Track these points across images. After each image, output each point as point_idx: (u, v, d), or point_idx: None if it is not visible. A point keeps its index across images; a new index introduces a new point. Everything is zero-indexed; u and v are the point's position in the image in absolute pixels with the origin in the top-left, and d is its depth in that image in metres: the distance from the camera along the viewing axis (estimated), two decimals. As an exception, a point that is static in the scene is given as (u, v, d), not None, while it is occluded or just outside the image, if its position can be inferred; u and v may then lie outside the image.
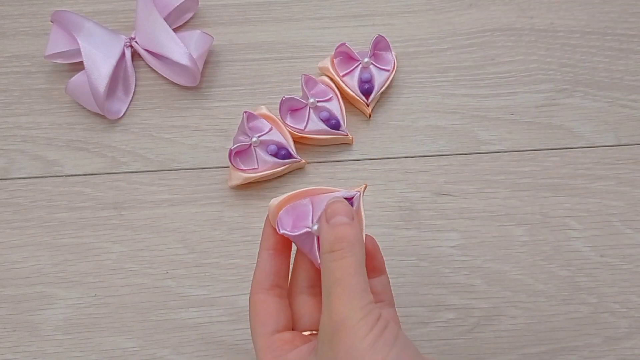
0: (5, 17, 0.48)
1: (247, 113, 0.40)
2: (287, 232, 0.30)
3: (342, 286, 0.26)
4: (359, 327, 0.25)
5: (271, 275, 0.31)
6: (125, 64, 0.45)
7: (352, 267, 0.27)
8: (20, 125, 0.44)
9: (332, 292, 0.26)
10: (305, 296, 0.31)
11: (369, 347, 0.25)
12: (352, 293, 0.26)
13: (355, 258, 0.27)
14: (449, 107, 0.44)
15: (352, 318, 0.25)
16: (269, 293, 0.30)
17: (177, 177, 0.42)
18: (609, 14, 0.47)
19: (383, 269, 0.32)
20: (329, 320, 0.26)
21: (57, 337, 0.38)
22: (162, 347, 0.38)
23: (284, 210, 0.31)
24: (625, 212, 0.41)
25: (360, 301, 0.26)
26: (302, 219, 0.31)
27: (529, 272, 0.39)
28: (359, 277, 0.27)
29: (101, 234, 0.41)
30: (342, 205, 0.29)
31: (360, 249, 0.28)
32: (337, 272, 0.27)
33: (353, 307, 0.26)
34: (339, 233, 0.28)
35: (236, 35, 0.47)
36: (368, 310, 0.26)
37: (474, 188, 0.41)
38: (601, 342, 0.38)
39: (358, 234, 0.28)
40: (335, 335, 0.25)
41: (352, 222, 0.29)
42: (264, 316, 0.30)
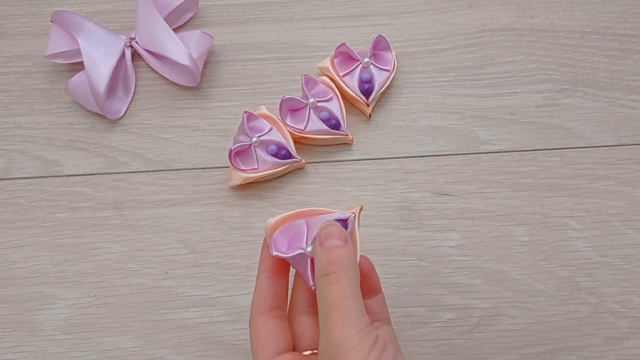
0: (5, 17, 0.48)
1: (247, 113, 0.40)
2: (280, 253, 0.30)
3: (338, 310, 0.26)
4: (356, 352, 0.25)
5: (270, 298, 0.31)
6: (125, 64, 0.45)
7: (346, 290, 0.27)
8: (20, 125, 0.44)
9: (328, 316, 0.27)
10: (305, 316, 0.31)
11: None
12: (348, 317, 0.26)
13: (350, 281, 0.27)
14: (449, 107, 0.44)
15: (349, 342, 0.25)
16: (268, 315, 0.31)
17: (177, 177, 0.42)
18: (609, 14, 0.47)
19: (379, 289, 0.33)
20: (327, 344, 0.26)
21: (57, 337, 0.38)
22: (162, 347, 0.38)
23: (279, 230, 0.31)
24: (625, 212, 0.41)
25: (356, 325, 0.26)
26: (297, 240, 0.31)
27: (529, 272, 0.39)
28: (354, 300, 0.27)
29: (101, 234, 0.41)
30: (336, 228, 0.29)
31: (355, 271, 0.28)
32: (332, 295, 0.27)
33: (349, 331, 0.26)
34: (333, 256, 0.28)
35: (236, 35, 0.47)
36: (365, 334, 0.26)
37: (474, 188, 0.41)
38: (601, 342, 0.38)
39: (352, 256, 0.29)
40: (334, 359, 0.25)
41: (345, 244, 0.29)
42: (265, 338, 0.30)
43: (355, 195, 0.41)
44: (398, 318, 0.38)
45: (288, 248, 0.31)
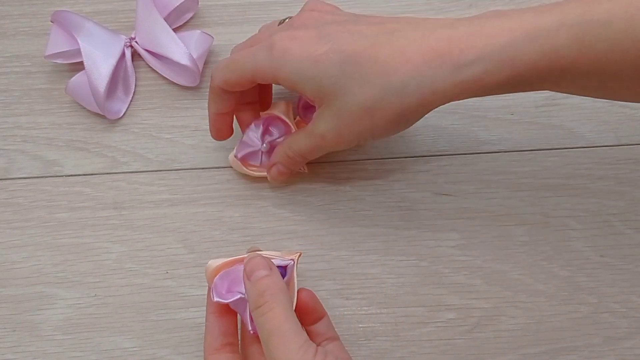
0: (5, 17, 0.48)
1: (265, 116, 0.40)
2: (221, 299, 0.32)
3: (276, 335, 0.28)
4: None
5: (220, 336, 0.33)
6: (125, 64, 0.45)
7: (280, 315, 0.29)
8: (20, 125, 0.44)
9: (269, 343, 0.28)
10: (258, 345, 0.32)
11: None
12: (286, 338, 0.28)
13: (281, 307, 0.29)
14: (449, 107, 0.44)
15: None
16: (220, 352, 0.32)
17: (177, 177, 0.42)
18: (609, 14, 0.47)
19: (323, 313, 0.34)
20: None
21: (57, 337, 0.38)
22: (162, 347, 0.38)
23: (219, 276, 0.32)
24: (625, 212, 0.41)
25: (295, 343, 0.28)
26: (236, 284, 0.32)
27: (529, 272, 0.39)
28: (290, 322, 0.29)
29: (101, 234, 0.41)
30: (259, 259, 0.31)
31: (284, 296, 0.30)
32: (268, 323, 0.29)
33: (290, 351, 0.28)
34: (261, 287, 0.30)
35: (236, 35, 0.47)
36: (304, 349, 0.28)
37: (474, 188, 0.41)
38: (601, 342, 0.38)
39: (279, 282, 0.30)
40: None
41: (270, 272, 0.31)
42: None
43: (355, 195, 0.41)
44: (398, 318, 0.38)
45: (227, 292, 0.32)
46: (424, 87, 0.30)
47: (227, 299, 0.32)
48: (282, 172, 0.39)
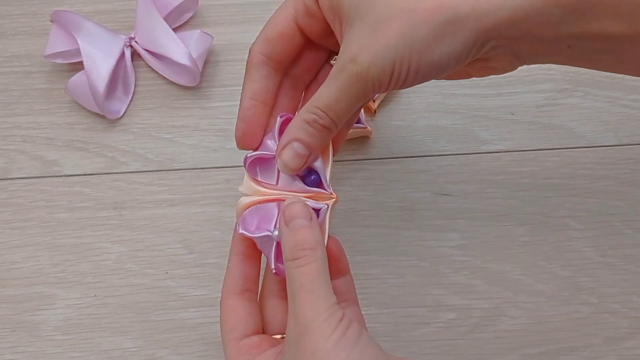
0: (5, 17, 0.48)
1: (283, 117, 0.31)
2: (247, 232, 0.30)
3: (306, 290, 0.27)
4: (323, 328, 0.26)
5: (241, 280, 0.31)
6: (125, 63, 0.45)
7: (315, 272, 0.27)
8: (19, 125, 0.44)
9: (296, 296, 0.27)
10: (276, 299, 0.31)
11: (333, 346, 0.25)
12: (316, 296, 0.27)
13: (318, 263, 0.27)
14: (450, 107, 0.44)
15: (316, 320, 0.26)
16: (238, 297, 0.31)
17: (177, 177, 0.42)
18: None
19: (347, 270, 0.33)
20: (295, 324, 0.26)
21: (57, 338, 0.38)
22: (162, 348, 0.38)
23: (249, 210, 0.30)
24: (625, 212, 0.40)
25: (324, 303, 0.26)
26: (266, 221, 0.30)
27: (530, 272, 0.39)
28: (322, 280, 0.27)
29: (101, 234, 0.41)
30: (300, 206, 0.29)
31: (322, 252, 0.28)
32: (301, 277, 0.27)
33: (317, 309, 0.26)
34: (300, 238, 0.28)
35: (236, 35, 0.47)
36: (332, 312, 0.26)
37: (474, 188, 0.41)
38: (602, 343, 0.37)
39: (318, 236, 0.28)
40: (301, 338, 0.26)
41: (311, 223, 0.28)
42: (233, 321, 0.30)
43: (355, 195, 0.41)
44: (398, 318, 0.38)
45: (256, 228, 0.30)
46: None
47: (254, 234, 0.30)
48: (301, 154, 0.29)
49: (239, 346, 0.30)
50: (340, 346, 0.25)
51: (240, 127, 0.31)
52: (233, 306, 0.31)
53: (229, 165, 0.42)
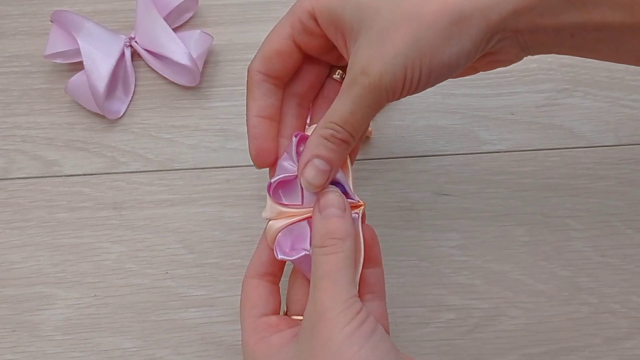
0: (5, 17, 0.48)
1: (299, 136, 0.31)
2: (285, 256, 0.30)
3: (329, 279, 0.27)
4: (339, 319, 0.26)
5: (267, 263, 0.31)
6: (125, 63, 0.45)
7: (340, 262, 0.27)
8: (19, 125, 0.44)
9: (318, 283, 0.27)
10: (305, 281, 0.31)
11: (346, 338, 0.25)
12: (338, 286, 0.27)
13: (345, 254, 0.28)
14: (450, 107, 0.44)
15: (333, 310, 0.26)
16: (262, 278, 0.31)
17: (177, 177, 0.42)
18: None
19: (379, 261, 0.32)
20: (313, 310, 0.27)
21: (57, 338, 0.38)
22: (162, 348, 0.38)
23: (282, 233, 0.31)
24: (625, 212, 0.40)
25: (344, 294, 0.26)
26: (301, 240, 0.30)
27: (530, 272, 0.39)
28: (347, 271, 0.27)
29: (101, 234, 0.41)
30: (335, 196, 0.29)
31: (350, 245, 0.28)
32: (326, 265, 0.27)
33: (337, 299, 0.26)
34: (331, 227, 0.28)
35: (236, 35, 0.47)
36: (350, 304, 0.26)
37: (475, 188, 0.41)
38: (601, 343, 0.37)
39: (349, 228, 0.29)
40: (316, 325, 0.26)
41: (344, 214, 0.29)
42: (254, 299, 0.31)
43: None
44: (398, 318, 0.38)
45: (291, 249, 0.30)
46: None
47: (292, 257, 0.30)
48: (323, 170, 0.29)
49: (257, 323, 0.30)
50: (353, 339, 0.25)
51: (253, 145, 0.31)
52: (256, 285, 0.31)
53: (229, 165, 0.42)
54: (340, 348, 0.25)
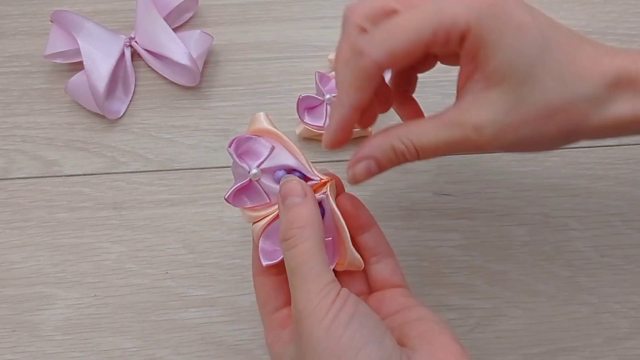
0: (5, 17, 0.48)
1: (236, 140, 0.30)
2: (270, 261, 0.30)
3: (298, 276, 0.27)
4: (315, 315, 0.25)
5: None
6: (125, 63, 0.45)
7: (304, 253, 0.27)
8: (19, 125, 0.44)
9: (292, 282, 0.27)
10: None
11: (324, 333, 0.25)
12: (307, 280, 0.26)
13: (309, 242, 0.27)
14: (450, 107, 0.44)
15: (307, 307, 0.26)
16: (266, 274, 0.31)
17: (177, 177, 0.42)
18: (610, 13, 0.47)
19: (371, 223, 0.32)
20: (294, 310, 0.26)
21: (57, 338, 0.38)
22: (162, 348, 0.38)
23: (262, 236, 0.30)
24: (626, 212, 0.40)
25: (315, 286, 0.26)
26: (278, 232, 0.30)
27: (530, 272, 0.39)
28: (314, 261, 0.27)
29: (101, 234, 0.41)
30: (294, 184, 0.29)
31: (314, 230, 0.27)
32: (292, 261, 0.27)
33: (309, 294, 0.26)
34: (291, 217, 0.28)
35: (236, 35, 0.47)
36: (324, 294, 0.26)
37: (475, 188, 0.41)
38: (602, 343, 0.37)
39: (311, 213, 0.28)
40: (299, 325, 0.26)
41: (305, 199, 0.28)
42: (263, 297, 0.31)
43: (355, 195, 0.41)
44: (398, 318, 0.38)
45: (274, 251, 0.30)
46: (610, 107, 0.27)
47: (276, 259, 0.30)
48: (371, 172, 0.29)
49: (271, 319, 0.30)
50: (331, 332, 0.25)
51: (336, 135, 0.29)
52: (262, 283, 0.31)
53: (229, 165, 0.42)
54: (321, 344, 0.25)
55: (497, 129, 0.27)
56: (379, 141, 0.29)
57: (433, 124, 0.28)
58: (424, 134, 0.28)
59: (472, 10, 0.26)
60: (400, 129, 0.28)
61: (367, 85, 0.28)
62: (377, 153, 0.28)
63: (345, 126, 0.29)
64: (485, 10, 0.26)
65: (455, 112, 0.27)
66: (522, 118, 0.27)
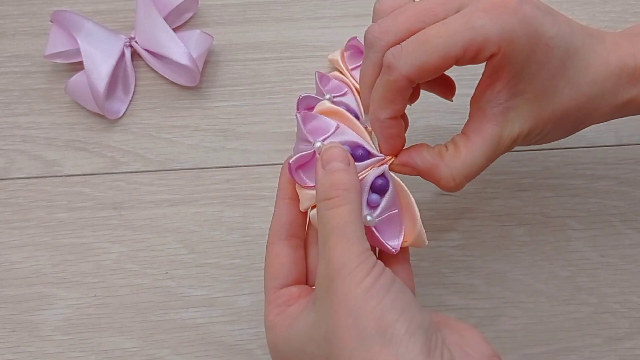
0: (4, 17, 0.48)
1: (302, 113, 0.31)
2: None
3: (339, 234, 0.26)
4: (355, 274, 0.25)
5: (287, 225, 0.30)
6: (124, 63, 0.45)
7: (347, 215, 0.26)
8: (19, 125, 0.44)
9: (328, 240, 0.26)
10: None
11: (364, 292, 0.25)
12: (349, 241, 0.26)
13: (351, 206, 0.27)
14: (449, 107, 0.44)
15: (348, 265, 0.25)
16: (284, 244, 0.30)
17: (177, 177, 0.42)
18: (609, 13, 0.47)
19: None
20: (326, 268, 0.26)
21: (57, 338, 0.38)
22: (162, 348, 0.38)
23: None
24: (625, 212, 0.40)
25: (357, 248, 0.26)
26: None
27: (530, 272, 0.39)
28: (355, 225, 0.26)
29: (101, 234, 0.41)
30: (338, 150, 0.28)
31: (357, 196, 0.27)
32: (333, 220, 0.26)
33: (350, 254, 0.25)
34: (334, 180, 0.27)
35: (236, 35, 0.47)
36: (364, 258, 0.26)
37: (475, 188, 0.41)
38: (602, 343, 0.37)
39: (355, 180, 0.28)
40: (332, 283, 0.25)
41: (348, 167, 0.28)
42: (275, 269, 0.30)
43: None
44: (398, 318, 0.38)
45: None
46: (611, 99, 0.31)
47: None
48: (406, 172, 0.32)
49: (277, 295, 0.29)
50: (372, 293, 0.25)
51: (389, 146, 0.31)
52: (277, 252, 0.30)
53: (229, 165, 0.42)
54: (359, 303, 0.24)
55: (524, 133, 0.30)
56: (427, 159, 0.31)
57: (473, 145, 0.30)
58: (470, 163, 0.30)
59: (504, 30, 0.27)
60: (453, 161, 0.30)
61: (401, 98, 0.29)
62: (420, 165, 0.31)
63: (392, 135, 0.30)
64: (517, 30, 0.27)
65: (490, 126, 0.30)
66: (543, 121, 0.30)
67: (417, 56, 0.27)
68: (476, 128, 0.30)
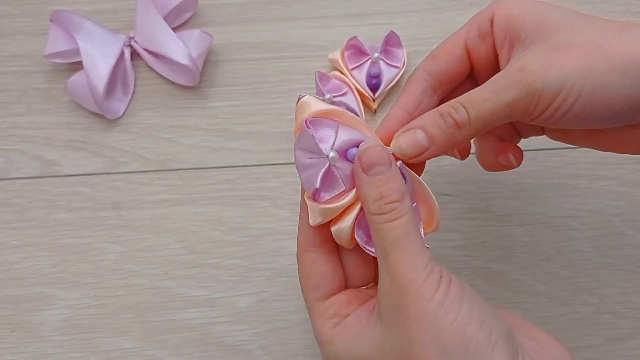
0: (4, 17, 0.48)
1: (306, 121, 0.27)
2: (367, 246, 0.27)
3: (400, 247, 0.25)
4: (424, 289, 0.24)
5: (320, 230, 0.28)
6: (124, 63, 0.45)
7: (406, 226, 0.25)
8: (19, 125, 0.44)
9: (389, 254, 0.25)
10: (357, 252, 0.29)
11: (438, 307, 0.24)
12: (412, 254, 0.25)
13: (407, 216, 0.26)
14: (450, 107, 0.44)
15: (416, 280, 0.24)
16: (318, 251, 0.28)
17: (177, 177, 0.42)
18: (610, 13, 0.47)
19: None
20: (392, 285, 0.25)
21: (56, 338, 0.38)
22: (162, 348, 0.38)
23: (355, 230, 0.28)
24: (626, 212, 0.40)
25: (421, 261, 0.25)
26: None
27: (530, 272, 0.39)
28: (414, 235, 0.25)
29: (100, 234, 0.41)
30: (378, 151, 0.26)
31: (409, 202, 0.26)
32: (392, 233, 0.25)
33: (415, 268, 0.25)
34: (385, 191, 0.26)
35: (236, 35, 0.47)
36: (430, 270, 0.25)
37: (475, 188, 0.41)
38: (602, 343, 0.37)
39: (402, 184, 0.26)
40: (402, 300, 0.24)
41: (392, 170, 0.26)
42: (316, 279, 0.28)
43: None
44: (398, 319, 0.38)
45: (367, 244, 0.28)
46: None
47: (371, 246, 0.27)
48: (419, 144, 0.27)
49: (325, 306, 0.28)
50: (446, 307, 0.24)
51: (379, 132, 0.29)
52: (313, 262, 0.28)
53: (229, 165, 0.42)
54: (436, 319, 0.24)
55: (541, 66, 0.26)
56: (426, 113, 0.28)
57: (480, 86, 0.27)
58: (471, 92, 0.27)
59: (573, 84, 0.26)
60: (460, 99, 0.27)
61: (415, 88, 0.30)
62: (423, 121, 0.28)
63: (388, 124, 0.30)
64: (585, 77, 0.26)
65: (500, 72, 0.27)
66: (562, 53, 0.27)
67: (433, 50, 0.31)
68: None
